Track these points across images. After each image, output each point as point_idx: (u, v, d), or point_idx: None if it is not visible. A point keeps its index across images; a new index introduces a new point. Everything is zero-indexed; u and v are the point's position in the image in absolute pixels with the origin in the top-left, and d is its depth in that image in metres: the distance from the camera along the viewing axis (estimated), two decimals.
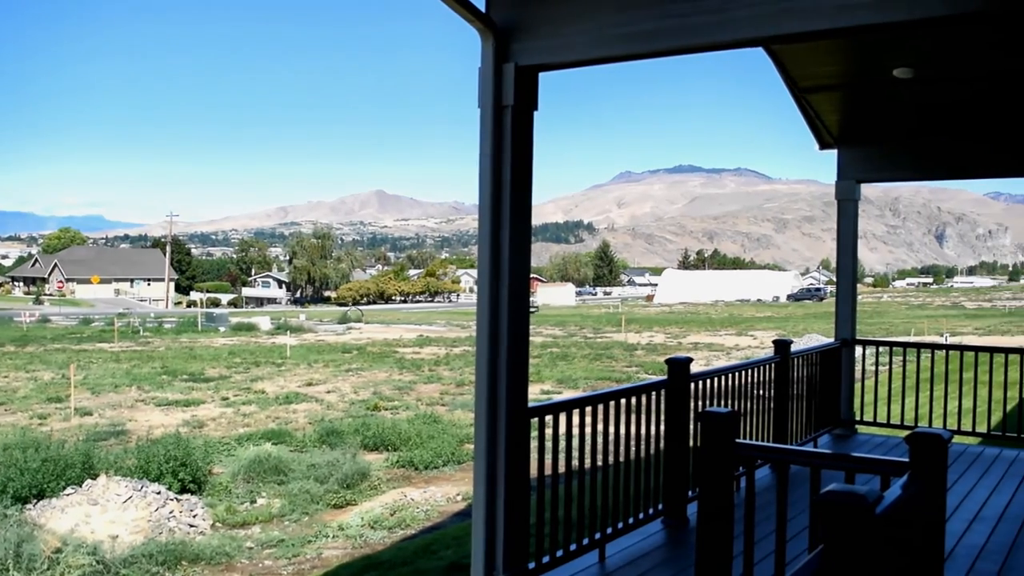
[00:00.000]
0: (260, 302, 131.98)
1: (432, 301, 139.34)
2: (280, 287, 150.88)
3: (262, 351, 38.25)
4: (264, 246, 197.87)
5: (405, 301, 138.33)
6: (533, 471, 5.13)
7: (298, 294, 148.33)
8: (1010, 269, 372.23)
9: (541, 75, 4.96)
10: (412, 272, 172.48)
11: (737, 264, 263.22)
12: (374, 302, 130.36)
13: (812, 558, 2.29)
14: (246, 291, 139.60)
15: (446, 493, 13.52)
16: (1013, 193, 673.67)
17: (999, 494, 7.30)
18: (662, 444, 6.36)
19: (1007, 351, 9.67)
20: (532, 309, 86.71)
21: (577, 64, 4.91)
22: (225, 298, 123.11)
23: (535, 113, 4.96)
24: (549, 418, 5.32)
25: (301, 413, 21.35)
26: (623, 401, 5.93)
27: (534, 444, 5.10)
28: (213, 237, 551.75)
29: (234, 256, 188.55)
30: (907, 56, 7.89)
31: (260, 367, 31.54)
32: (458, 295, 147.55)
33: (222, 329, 54.24)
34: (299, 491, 13.38)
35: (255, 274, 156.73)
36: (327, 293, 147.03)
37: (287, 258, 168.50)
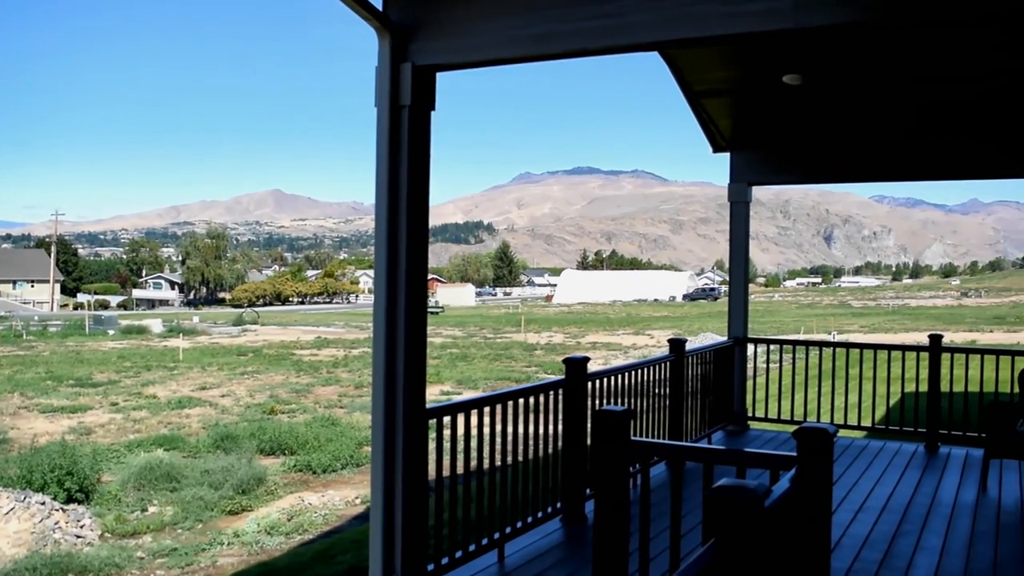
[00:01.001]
0: (152, 304, 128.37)
1: (331, 302, 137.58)
2: (172, 288, 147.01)
3: (153, 354, 37.14)
4: (156, 246, 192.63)
5: (303, 302, 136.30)
6: (432, 472, 5.11)
7: (191, 296, 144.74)
8: (893, 269, 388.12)
9: (440, 75, 4.94)
10: (310, 273, 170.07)
11: (634, 264, 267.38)
12: (271, 303, 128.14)
13: (703, 552, 2.34)
14: (137, 293, 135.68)
15: (345, 496, 13.37)
16: (896, 196, 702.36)
17: (883, 485, 7.59)
18: (560, 443, 6.42)
19: (890, 348, 10.08)
20: (438, 309, 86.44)
21: (475, 65, 4.90)
22: (114, 300, 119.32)
23: (433, 113, 4.94)
24: (448, 419, 5.31)
25: (194, 418, 20.81)
26: (521, 401, 5.95)
27: (433, 445, 5.08)
28: (102, 237, 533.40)
29: (124, 257, 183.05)
30: (795, 64, 8.14)
31: (151, 371, 30.63)
32: (357, 296, 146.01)
33: (111, 332, 52.49)
34: (192, 498, 13.04)
35: (146, 275, 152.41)
36: (222, 295, 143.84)
37: (180, 259, 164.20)
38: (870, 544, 5.98)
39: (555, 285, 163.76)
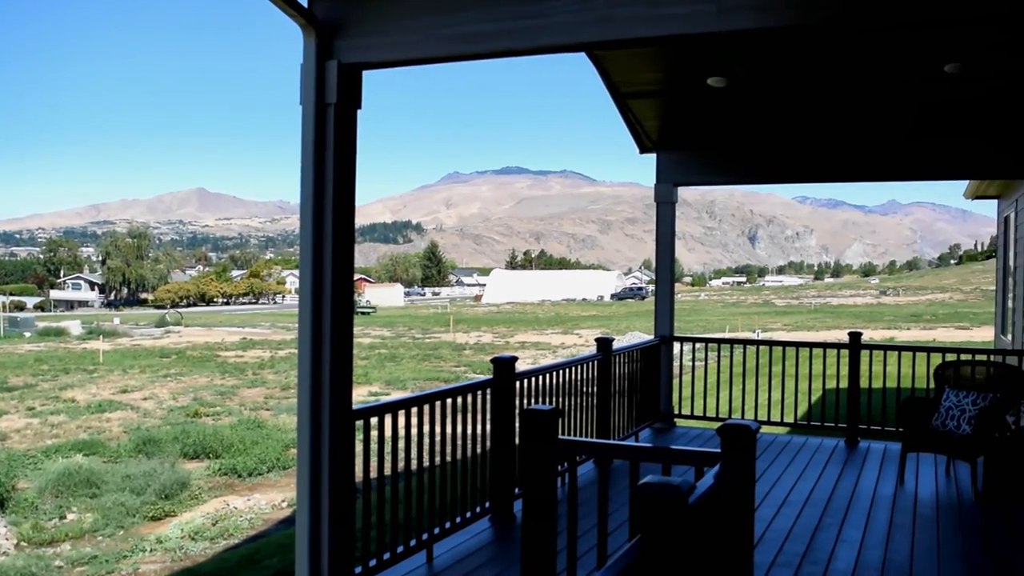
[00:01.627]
0: (70, 305, 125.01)
1: (256, 303, 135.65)
2: (92, 289, 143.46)
3: (72, 357, 36.12)
4: (75, 246, 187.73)
5: (228, 303, 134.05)
6: (359, 474, 5.07)
7: (112, 297, 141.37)
8: (815, 269, 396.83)
9: (368, 73, 4.90)
10: (235, 273, 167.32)
11: (563, 264, 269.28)
12: (195, 304, 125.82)
13: (628, 549, 2.35)
14: (55, 294, 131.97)
15: (271, 500, 13.17)
16: (818, 197, 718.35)
17: (804, 480, 7.76)
18: (489, 443, 6.42)
19: (811, 345, 10.30)
20: (369, 309, 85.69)
21: (401, 63, 4.87)
22: (31, 301, 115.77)
23: (359, 112, 4.90)
24: (375, 420, 5.27)
25: (115, 422, 20.28)
26: (449, 401, 5.94)
27: (360, 447, 5.04)
28: (17, 236, 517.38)
29: (41, 257, 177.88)
30: (719, 66, 8.27)
31: (70, 374, 29.79)
32: (284, 296, 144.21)
33: (27, 334, 50.94)
34: (113, 504, 12.71)
35: (65, 276, 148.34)
36: (144, 295, 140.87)
37: (100, 259, 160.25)
38: (793, 538, 6.11)
39: (484, 285, 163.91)
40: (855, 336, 9.60)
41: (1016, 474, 5.96)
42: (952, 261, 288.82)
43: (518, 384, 6.65)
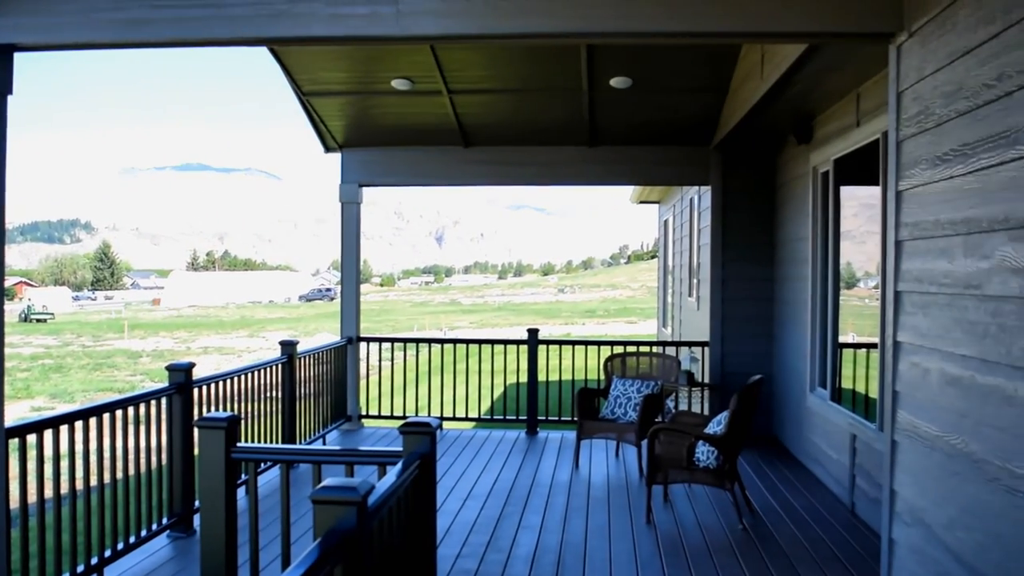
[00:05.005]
0: None
1: None
2: None
3: None
4: None
5: None
6: (16, 500, 4.60)
7: None
8: (499, 268, 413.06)
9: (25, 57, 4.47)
10: None
11: (249, 265, 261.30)
12: None
13: (307, 554, 2.32)
14: None
15: None
16: (502, 199, 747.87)
17: (488, 472, 8.05)
18: (168, 454, 6.08)
19: (493, 342, 10.70)
20: (47, 315, 78.30)
21: (59, 47, 4.49)
22: None
23: (10, 98, 4.46)
24: (33, 437, 4.80)
25: None
26: (120, 413, 5.54)
27: (17, 469, 4.58)
28: None
29: None
30: (403, 68, 8.38)
31: None
32: None
33: None
34: None
35: None
36: None
37: None
38: (478, 528, 6.31)
39: (163, 287, 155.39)
40: (533, 332, 10.10)
41: (672, 453, 6.54)
42: (623, 260, 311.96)
43: (198, 391, 6.36)
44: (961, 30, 3.52)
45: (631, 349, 9.55)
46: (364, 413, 10.33)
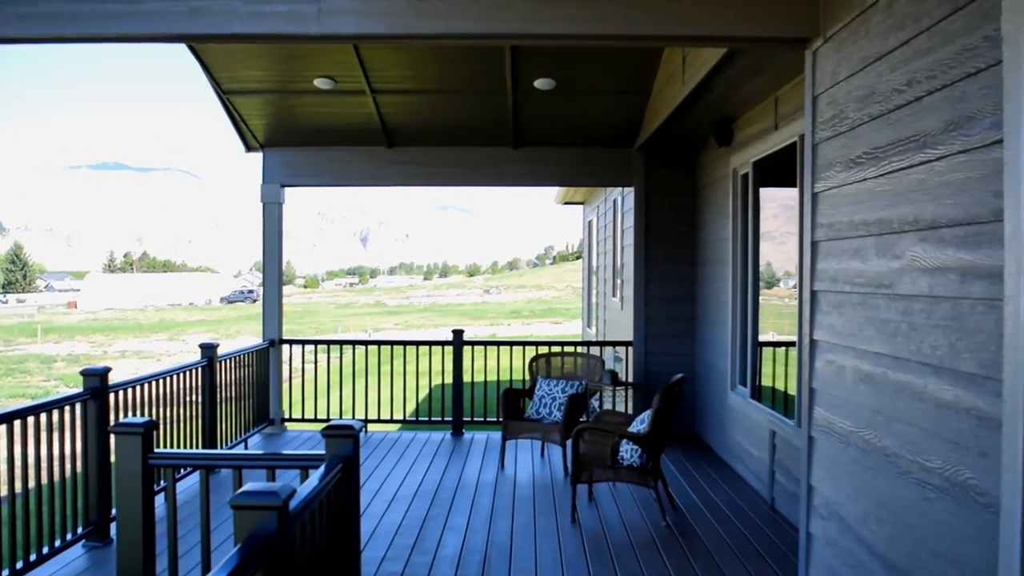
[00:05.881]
0: None
1: None
2: None
3: None
4: None
5: None
6: None
7: None
8: (425, 269, 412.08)
9: None
10: None
11: (168, 266, 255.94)
12: None
13: (227, 560, 2.27)
14: None
15: None
16: (428, 200, 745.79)
17: (414, 474, 8.01)
18: (84, 461, 5.91)
19: (418, 343, 10.65)
20: None
21: None
22: None
23: None
24: None
25: None
26: (32, 420, 5.37)
27: None
28: None
29: None
30: (325, 67, 8.29)
31: None
32: None
33: None
34: None
35: None
36: None
37: None
38: (403, 530, 6.28)
39: (79, 290, 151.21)
40: (458, 333, 10.09)
41: (596, 452, 6.59)
42: (548, 261, 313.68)
43: (114, 396, 6.20)
44: (873, 36, 3.62)
45: (556, 349, 9.60)
46: (287, 416, 10.20)
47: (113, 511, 6.10)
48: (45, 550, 5.44)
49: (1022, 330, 2.56)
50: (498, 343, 10.57)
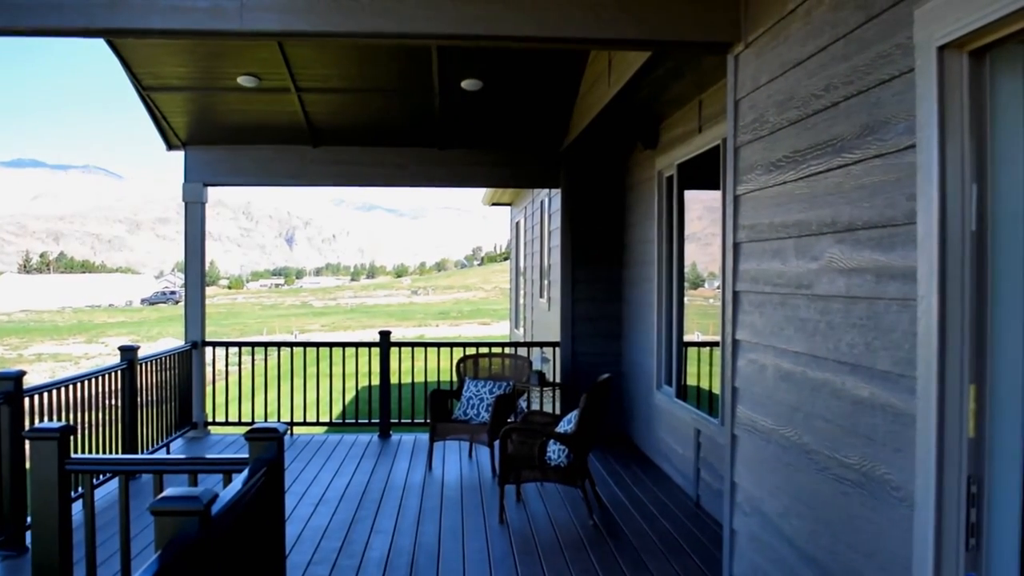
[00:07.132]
0: None
1: None
2: None
3: None
4: None
5: None
6: None
7: None
8: (352, 270, 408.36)
9: None
10: None
11: (87, 267, 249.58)
12: None
13: (146, 567, 2.22)
14: None
15: None
16: (354, 201, 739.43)
17: (341, 476, 7.94)
18: (0, 468, 5.73)
19: (344, 345, 10.56)
20: None
21: None
22: None
23: None
24: None
25: None
26: None
27: None
28: None
29: None
30: (249, 65, 8.17)
31: None
32: None
33: None
34: None
35: None
36: None
37: None
38: (329, 534, 6.22)
39: None
40: (385, 335, 10.03)
41: (524, 453, 6.61)
42: (476, 262, 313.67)
43: (29, 401, 6.02)
44: (792, 42, 3.70)
45: (483, 350, 9.61)
46: (211, 420, 10.02)
47: (28, 519, 5.93)
48: None
49: (934, 329, 2.64)
50: (426, 344, 10.53)
